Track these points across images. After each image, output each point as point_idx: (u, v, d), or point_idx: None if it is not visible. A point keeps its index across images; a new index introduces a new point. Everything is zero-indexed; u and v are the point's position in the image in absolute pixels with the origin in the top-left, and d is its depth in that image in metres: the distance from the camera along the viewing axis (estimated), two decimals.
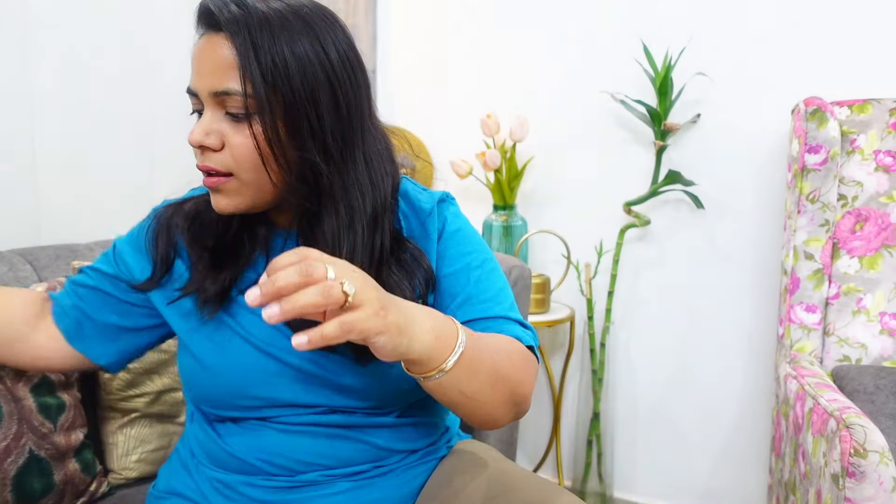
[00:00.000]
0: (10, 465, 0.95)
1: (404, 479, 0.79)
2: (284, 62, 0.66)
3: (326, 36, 0.69)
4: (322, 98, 0.68)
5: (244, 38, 0.66)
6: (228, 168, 0.70)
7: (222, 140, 0.69)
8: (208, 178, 0.71)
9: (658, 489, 1.89)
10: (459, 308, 0.76)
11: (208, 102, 0.69)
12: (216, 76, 0.67)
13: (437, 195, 0.83)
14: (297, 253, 0.52)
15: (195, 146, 0.70)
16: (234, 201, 0.72)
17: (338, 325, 0.51)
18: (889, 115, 1.44)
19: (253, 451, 0.76)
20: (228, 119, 0.69)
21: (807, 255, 1.45)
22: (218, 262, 0.78)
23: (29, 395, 1.00)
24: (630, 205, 1.76)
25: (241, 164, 0.69)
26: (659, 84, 1.66)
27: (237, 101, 0.67)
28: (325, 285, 0.50)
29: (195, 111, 0.72)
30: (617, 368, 1.89)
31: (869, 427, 1.00)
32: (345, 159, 0.71)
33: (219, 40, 0.67)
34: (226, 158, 0.69)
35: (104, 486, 1.12)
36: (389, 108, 2.11)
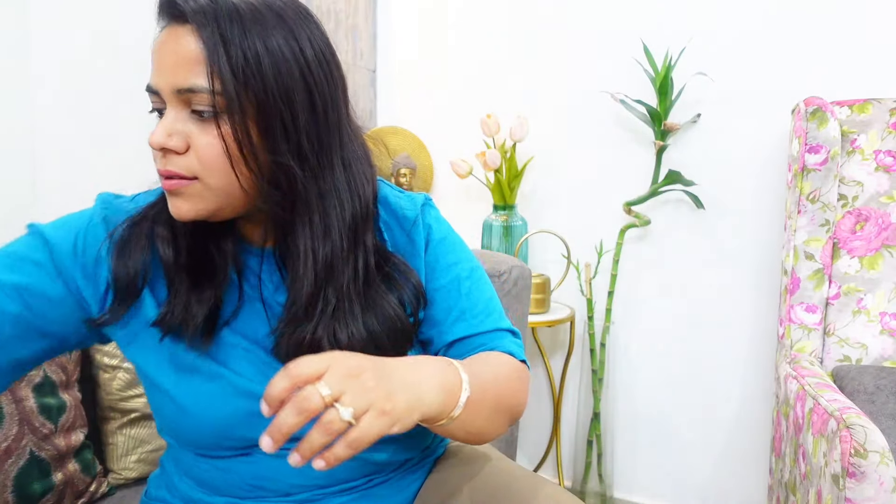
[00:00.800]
0: (10, 466, 0.95)
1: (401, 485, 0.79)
2: (257, 57, 0.61)
3: (301, 31, 0.65)
4: (297, 97, 0.63)
5: (212, 30, 0.60)
6: (193, 172, 0.63)
7: (187, 142, 0.63)
8: (168, 180, 0.64)
9: (658, 489, 1.89)
10: (454, 324, 0.75)
11: (171, 100, 0.63)
12: (181, 72, 0.61)
13: (417, 200, 0.79)
14: (286, 376, 0.50)
15: (156, 148, 0.63)
16: (196, 206, 0.64)
17: (346, 446, 0.51)
18: (889, 115, 1.44)
19: (244, 478, 0.73)
20: (194, 118, 0.63)
21: (807, 255, 1.45)
22: (197, 282, 0.70)
23: (31, 395, 1.00)
24: (630, 205, 1.76)
25: (208, 168, 0.63)
26: (659, 84, 1.66)
27: (204, 99, 0.61)
28: (325, 423, 0.50)
29: (155, 110, 0.66)
30: (617, 368, 1.89)
31: (869, 427, 1.00)
32: (321, 163, 0.66)
33: (183, 33, 0.62)
34: (190, 162, 0.63)
35: (104, 486, 1.12)
36: (389, 108, 2.11)
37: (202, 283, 0.70)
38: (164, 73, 0.63)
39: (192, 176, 0.63)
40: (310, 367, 0.51)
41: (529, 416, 2.03)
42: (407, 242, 0.76)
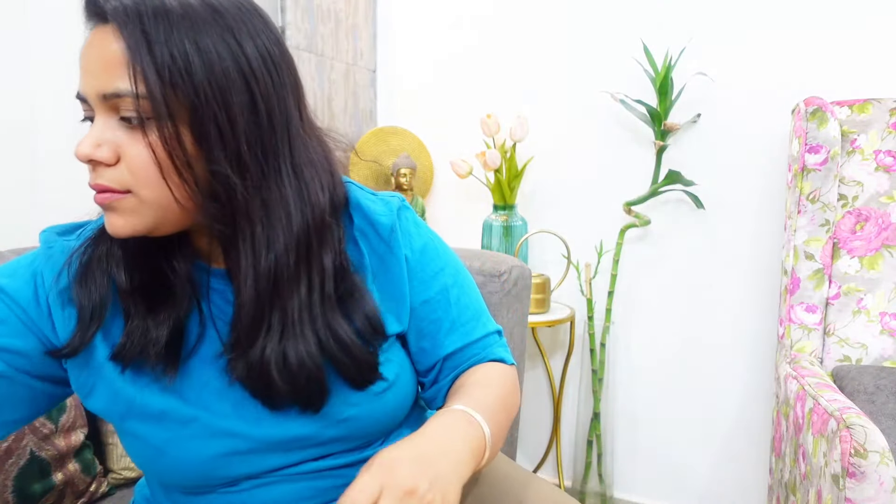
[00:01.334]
0: (10, 466, 0.95)
1: None
2: (185, 56, 0.56)
3: (242, 28, 0.59)
4: (235, 99, 0.58)
5: (134, 28, 0.55)
6: (125, 185, 0.58)
7: (117, 152, 0.58)
8: (100, 194, 0.59)
9: (658, 489, 1.89)
10: (448, 336, 0.75)
11: (99, 107, 0.58)
12: (104, 75, 0.56)
13: (392, 205, 0.73)
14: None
15: (83, 161, 0.58)
16: (132, 222, 0.59)
17: None
18: (889, 115, 1.44)
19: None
20: (123, 126, 0.58)
21: (807, 255, 1.45)
22: (153, 306, 0.65)
23: None
24: (630, 205, 1.76)
25: (140, 180, 0.58)
26: (659, 84, 1.66)
27: (130, 104, 0.56)
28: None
29: (86, 119, 0.61)
30: (617, 368, 1.89)
31: (869, 427, 1.00)
32: (265, 172, 0.61)
33: (106, 34, 0.57)
34: (121, 174, 0.58)
35: (104, 486, 1.12)
36: (389, 109, 2.11)
37: (158, 305, 0.65)
38: (89, 77, 0.58)
39: (124, 189, 0.58)
40: (362, 496, 0.52)
41: (529, 416, 2.03)
42: (387, 251, 0.72)
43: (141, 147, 0.57)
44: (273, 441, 0.67)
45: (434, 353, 0.75)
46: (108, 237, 0.65)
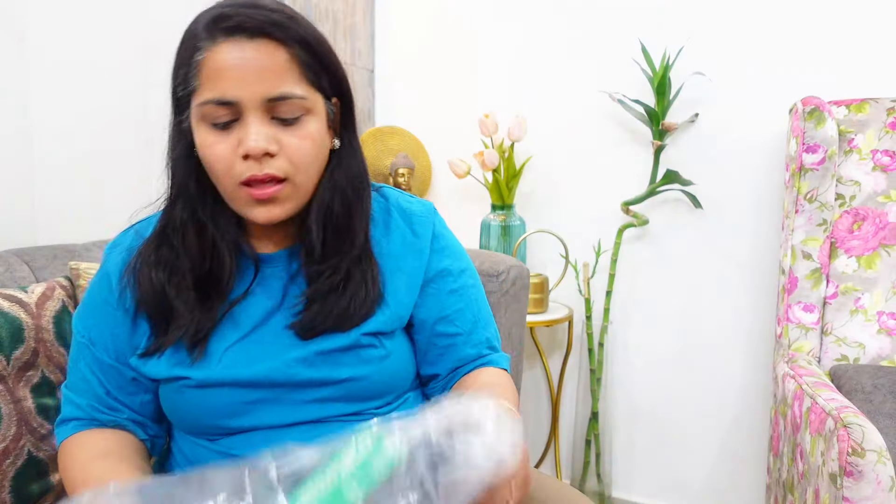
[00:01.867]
0: (8, 466, 0.95)
1: None
2: (324, 63, 0.72)
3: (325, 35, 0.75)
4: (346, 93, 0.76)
5: (291, 41, 0.69)
6: (287, 173, 0.70)
7: (278, 147, 0.69)
8: (264, 188, 0.69)
9: (656, 488, 1.89)
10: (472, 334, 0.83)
11: (256, 109, 0.68)
12: (270, 81, 0.67)
13: (428, 205, 0.87)
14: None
15: (260, 154, 0.68)
16: (287, 207, 0.72)
17: None
18: (887, 115, 1.44)
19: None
20: (276, 124, 0.69)
21: (805, 254, 1.46)
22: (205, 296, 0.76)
23: (29, 395, 1.00)
24: (628, 204, 1.76)
25: (299, 167, 0.71)
26: (657, 84, 1.66)
27: (293, 105, 0.69)
28: None
29: (219, 123, 0.69)
30: (615, 368, 1.89)
31: (867, 426, 1.00)
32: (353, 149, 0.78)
33: (260, 46, 0.67)
34: (283, 164, 0.69)
35: None
36: (387, 108, 2.11)
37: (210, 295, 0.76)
38: (248, 82, 0.67)
39: (285, 177, 0.70)
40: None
41: (528, 415, 2.03)
42: (411, 235, 0.82)
43: (299, 139, 0.70)
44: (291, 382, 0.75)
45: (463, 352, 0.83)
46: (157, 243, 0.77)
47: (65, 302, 1.09)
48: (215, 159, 0.70)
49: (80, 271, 1.15)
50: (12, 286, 1.06)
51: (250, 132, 0.67)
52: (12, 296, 1.02)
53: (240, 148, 0.68)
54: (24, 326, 1.00)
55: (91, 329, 0.79)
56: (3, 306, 0.99)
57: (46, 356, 1.04)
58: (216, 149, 0.69)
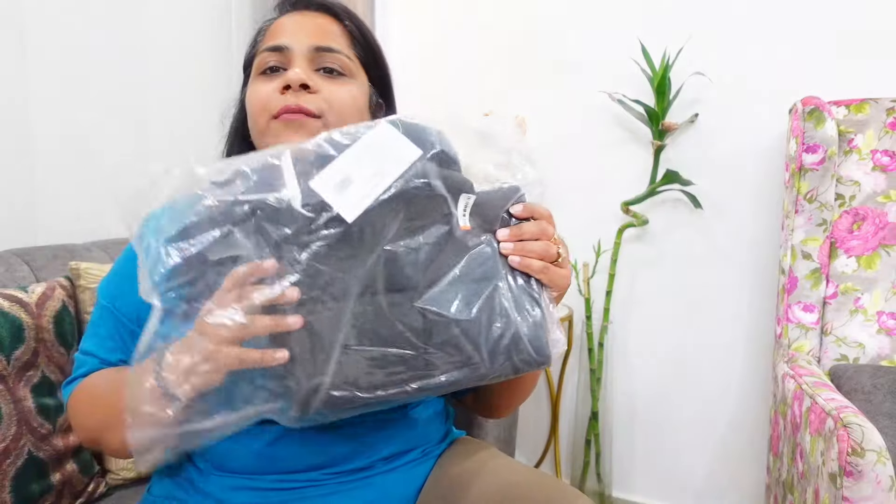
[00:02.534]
0: (8, 466, 0.95)
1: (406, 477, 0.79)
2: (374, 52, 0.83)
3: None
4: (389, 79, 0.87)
5: (352, 21, 0.82)
6: (321, 110, 0.75)
7: (317, 87, 0.76)
8: (292, 115, 0.74)
9: (656, 488, 1.89)
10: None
11: (302, 57, 0.76)
12: (319, 36, 0.77)
13: None
14: (540, 214, 0.69)
15: (297, 84, 0.74)
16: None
17: (543, 267, 0.68)
18: (886, 115, 1.44)
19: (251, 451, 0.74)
20: (319, 75, 0.77)
21: (804, 254, 1.46)
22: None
23: (29, 395, 1.00)
24: (628, 204, 1.76)
25: (333, 107, 0.76)
26: (657, 84, 1.66)
27: (337, 60, 0.78)
28: (548, 244, 0.68)
29: (267, 69, 0.77)
30: (615, 368, 1.89)
31: (866, 426, 1.00)
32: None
33: (319, 17, 0.80)
34: (319, 102, 0.75)
35: (102, 486, 1.12)
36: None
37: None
38: (299, 35, 0.77)
39: (318, 114, 0.75)
40: (550, 218, 0.71)
41: (528, 415, 2.03)
42: None
43: (338, 87, 0.78)
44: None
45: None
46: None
47: (65, 302, 1.09)
48: (256, 98, 0.76)
49: (80, 271, 1.15)
50: (12, 286, 1.06)
51: (293, 69, 0.75)
52: (12, 296, 1.02)
53: (280, 82, 0.75)
54: (24, 326, 1.00)
55: (117, 298, 0.78)
56: (3, 306, 0.99)
57: (47, 356, 1.04)
58: (260, 88, 0.76)
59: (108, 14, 1.43)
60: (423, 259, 0.63)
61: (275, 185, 0.58)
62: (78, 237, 1.31)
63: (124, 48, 1.47)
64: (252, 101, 0.77)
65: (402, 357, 0.62)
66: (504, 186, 0.70)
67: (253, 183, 0.58)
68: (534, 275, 0.68)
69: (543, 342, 0.67)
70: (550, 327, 0.68)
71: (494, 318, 0.65)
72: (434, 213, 0.63)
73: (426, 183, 0.62)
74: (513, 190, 0.70)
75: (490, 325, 0.64)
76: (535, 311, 0.67)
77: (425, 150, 0.63)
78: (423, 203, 0.62)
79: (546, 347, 0.67)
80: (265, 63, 0.78)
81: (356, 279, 0.60)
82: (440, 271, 0.64)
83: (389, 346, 0.61)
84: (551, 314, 0.69)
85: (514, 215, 0.69)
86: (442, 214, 0.64)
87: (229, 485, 0.75)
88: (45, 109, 1.32)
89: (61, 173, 1.36)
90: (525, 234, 0.68)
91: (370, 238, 0.60)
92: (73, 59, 1.37)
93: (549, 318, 0.68)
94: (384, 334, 0.61)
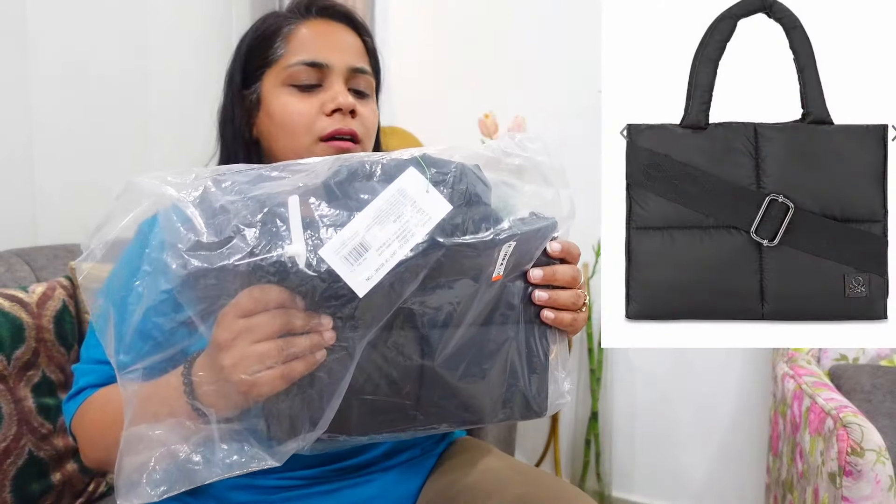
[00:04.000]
0: (9, 466, 0.95)
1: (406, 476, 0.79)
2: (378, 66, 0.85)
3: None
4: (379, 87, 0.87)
5: (369, 37, 0.83)
6: (362, 135, 0.78)
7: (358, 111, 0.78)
8: (344, 142, 0.76)
9: (656, 488, 1.89)
10: None
11: (340, 76, 0.77)
12: (353, 55, 0.79)
13: None
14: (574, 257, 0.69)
15: (349, 109, 0.76)
16: None
17: (572, 320, 0.66)
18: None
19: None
20: (353, 94, 0.78)
21: None
22: None
23: (29, 395, 1.00)
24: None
25: (368, 133, 0.79)
26: None
27: (367, 81, 0.80)
28: (578, 294, 0.66)
29: (303, 85, 0.77)
30: (615, 368, 1.89)
31: (866, 426, 1.00)
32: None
33: (345, 30, 0.80)
34: (360, 126, 0.77)
35: (102, 486, 1.12)
36: (387, 108, 2.10)
37: None
38: (339, 52, 0.78)
39: (360, 139, 0.78)
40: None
41: None
42: None
43: (368, 109, 0.80)
44: None
45: None
46: None
47: (65, 302, 1.09)
48: (297, 116, 0.76)
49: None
50: (13, 286, 1.07)
51: (340, 91, 0.76)
52: (13, 296, 1.02)
53: (327, 105, 0.76)
54: (24, 326, 1.00)
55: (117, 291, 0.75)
56: (3, 306, 0.99)
57: (47, 356, 1.04)
58: (299, 106, 0.76)
59: (108, 14, 1.43)
60: (444, 317, 0.58)
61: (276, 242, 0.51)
62: (78, 237, 1.31)
63: (125, 48, 1.47)
64: (291, 116, 0.76)
65: (403, 409, 0.60)
66: (542, 223, 0.65)
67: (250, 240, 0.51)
68: (562, 328, 0.66)
69: (544, 396, 0.66)
70: (559, 376, 0.67)
71: (504, 379, 0.63)
72: (462, 268, 0.57)
73: (455, 245, 0.55)
74: (551, 227, 0.67)
75: (500, 385, 0.63)
76: (543, 362, 0.65)
77: (453, 201, 0.56)
78: (450, 262, 0.56)
79: (545, 402, 0.66)
80: (299, 78, 0.77)
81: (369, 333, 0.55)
82: (458, 328, 0.59)
83: (392, 396, 0.59)
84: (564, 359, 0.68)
85: (548, 254, 0.66)
86: (471, 269, 0.58)
87: (229, 484, 0.74)
88: (45, 109, 1.32)
89: (61, 173, 1.36)
90: (558, 278, 0.65)
91: (384, 300, 0.54)
92: (74, 59, 1.37)
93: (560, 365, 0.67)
94: (387, 387, 0.58)
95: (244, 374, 0.52)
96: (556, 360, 0.67)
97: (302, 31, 0.78)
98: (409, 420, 0.61)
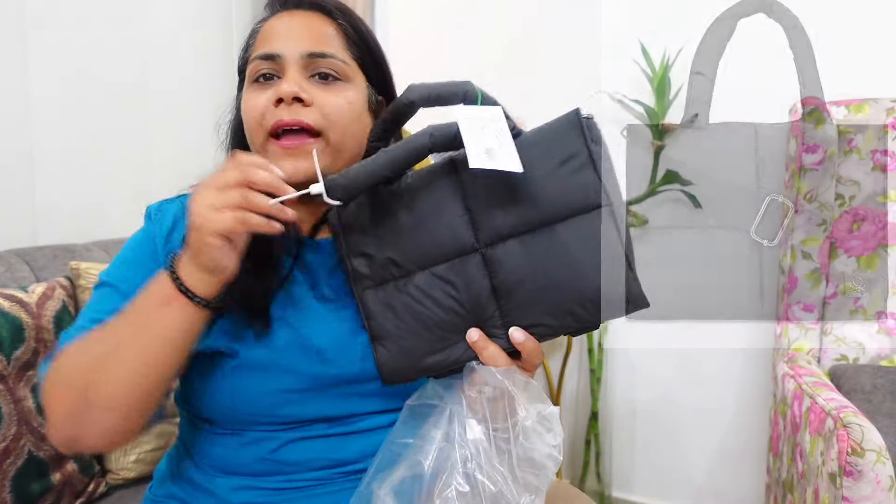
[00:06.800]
0: (8, 466, 0.95)
1: None
2: (370, 48, 0.79)
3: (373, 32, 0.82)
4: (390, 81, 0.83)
5: (344, 21, 0.77)
6: (320, 126, 0.72)
7: (312, 99, 0.72)
8: (292, 138, 0.71)
9: (656, 488, 1.89)
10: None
11: (295, 64, 0.73)
12: (311, 41, 0.73)
13: None
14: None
15: (290, 97, 0.71)
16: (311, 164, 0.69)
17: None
18: (886, 115, 1.44)
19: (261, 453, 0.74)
20: (315, 82, 0.73)
21: (804, 254, 1.46)
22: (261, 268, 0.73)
23: (29, 395, 1.00)
24: (628, 204, 1.76)
25: (333, 122, 0.72)
26: (657, 84, 1.66)
27: (332, 64, 0.73)
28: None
29: (260, 77, 0.74)
30: (615, 368, 1.89)
31: (866, 426, 1.00)
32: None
33: (314, 18, 0.75)
34: (316, 114, 0.72)
35: (102, 486, 1.12)
36: None
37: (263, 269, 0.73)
38: (293, 40, 0.74)
39: (318, 130, 0.72)
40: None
41: None
42: None
43: (332, 96, 0.73)
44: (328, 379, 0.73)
45: None
46: None
47: (65, 302, 1.09)
48: (251, 110, 0.73)
49: (80, 271, 1.15)
50: (13, 286, 1.07)
51: (287, 79, 0.72)
52: (13, 296, 1.02)
53: (273, 94, 0.72)
54: (24, 326, 1.00)
55: (126, 281, 0.73)
56: (3, 306, 0.99)
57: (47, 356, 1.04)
58: (253, 100, 0.73)
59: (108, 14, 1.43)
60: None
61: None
62: (78, 237, 1.31)
63: (125, 48, 1.47)
64: (247, 112, 0.74)
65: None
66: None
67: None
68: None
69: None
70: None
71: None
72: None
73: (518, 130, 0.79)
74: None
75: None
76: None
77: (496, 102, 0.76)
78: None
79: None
80: (257, 71, 0.74)
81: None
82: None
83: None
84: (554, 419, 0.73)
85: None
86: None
87: (233, 485, 0.74)
88: (45, 110, 1.32)
89: (61, 173, 1.36)
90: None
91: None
92: (74, 59, 1.37)
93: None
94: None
95: (205, 212, 0.59)
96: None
97: (266, 27, 0.76)
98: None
